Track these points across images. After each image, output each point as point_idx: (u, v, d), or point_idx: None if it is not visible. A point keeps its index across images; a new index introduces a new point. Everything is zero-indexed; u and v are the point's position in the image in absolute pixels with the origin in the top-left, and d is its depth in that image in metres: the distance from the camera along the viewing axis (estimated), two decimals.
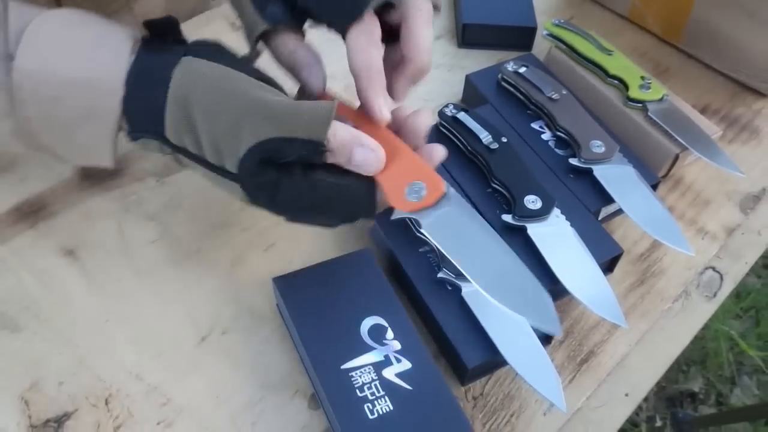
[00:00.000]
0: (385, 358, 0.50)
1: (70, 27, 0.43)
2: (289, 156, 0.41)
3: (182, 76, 0.42)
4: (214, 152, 0.42)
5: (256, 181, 0.42)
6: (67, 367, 0.52)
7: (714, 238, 0.63)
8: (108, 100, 0.42)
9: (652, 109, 0.66)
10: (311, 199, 0.43)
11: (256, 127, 0.41)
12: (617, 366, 0.55)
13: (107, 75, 0.42)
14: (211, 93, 0.41)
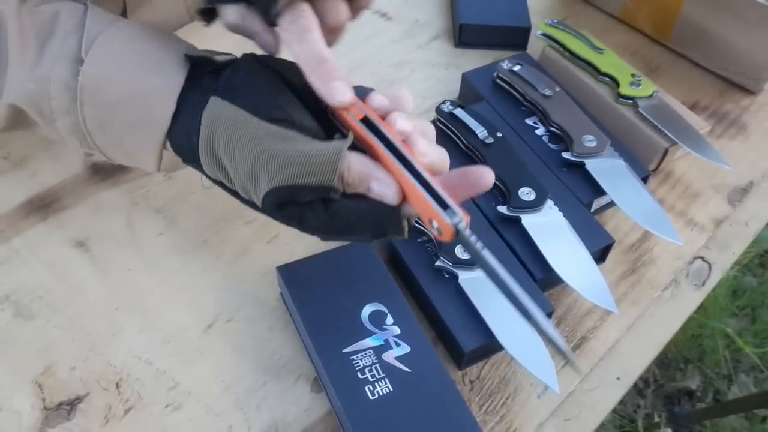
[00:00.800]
0: (385, 342, 0.52)
1: (137, 40, 0.46)
2: (304, 198, 0.42)
3: (208, 122, 0.43)
4: (243, 191, 0.44)
5: (281, 216, 0.44)
6: (78, 352, 0.54)
7: (703, 229, 0.66)
8: (159, 113, 0.45)
9: (642, 105, 0.68)
10: (337, 225, 0.43)
11: (269, 174, 0.42)
12: (609, 351, 0.57)
13: (162, 91, 0.45)
14: (229, 142, 0.43)
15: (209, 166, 0.44)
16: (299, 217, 0.43)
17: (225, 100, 0.44)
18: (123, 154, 0.48)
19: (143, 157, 0.47)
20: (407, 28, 0.84)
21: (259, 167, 0.42)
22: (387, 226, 0.44)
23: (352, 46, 0.80)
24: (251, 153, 0.42)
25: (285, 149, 0.42)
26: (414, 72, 0.79)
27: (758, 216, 0.67)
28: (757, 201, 0.68)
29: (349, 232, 0.44)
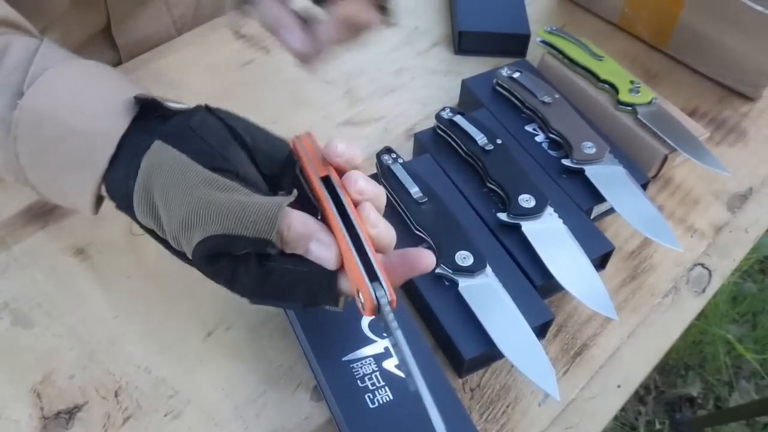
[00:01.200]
0: (385, 350, 0.51)
1: (86, 79, 0.45)
2: (238, 250, 0.41)
3: (146, 168, 0.42)
4: (173, 240, 0.42)
5: (209, 270, 0.42)
6: (77, 361, 0.54)
7: (702, 236, 0.65)
8: (98, 155, 0.43)
9: (641, 112, 0.68)
10: (269, 286, 0.42)
11: (204, 223, 0.40)
12: (610, 358, 0.57)
13: (104, 132, 0.43)
14: (166, 187, 0.42)
15: (142, 212, 0.42)
16: (230, 274, 0.41)
17: (168, 145, 0.43)
18: (58, 194, 0.46)
19: (79, 198, 0.45)
20: (407, 36, 0.84)
21: (194, 214, 0.40)
22: (320, 293, 0.42)
23: (352, 53, 0.80)
24: (188, 199, 0.41)
25: (224, 199, 0.41)
26: (414, 79, 0.79)
27: (758, 222, 0.67)
28: (756, 207, 0.68)
29: (281, 295, 0.42)
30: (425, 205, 0.59)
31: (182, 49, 0.80)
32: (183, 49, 0.80)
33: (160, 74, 0.76)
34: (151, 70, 0.77)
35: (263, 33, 0.81)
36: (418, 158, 0.66)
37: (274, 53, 0.79)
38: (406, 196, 0.59)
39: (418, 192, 0.59)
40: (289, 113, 0.73)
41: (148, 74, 0.76)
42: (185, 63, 0.78)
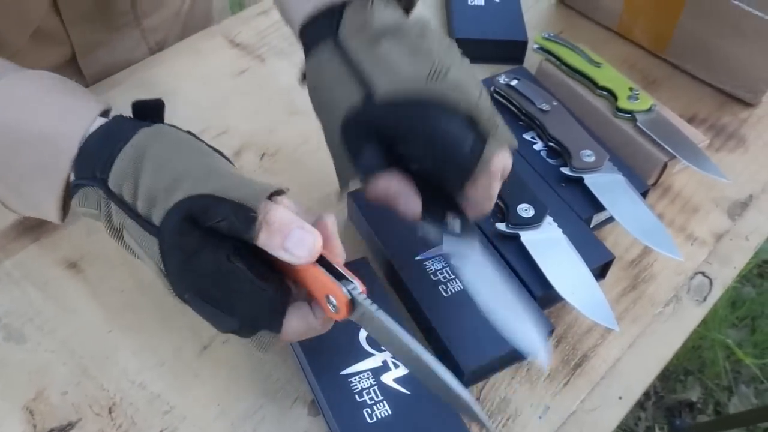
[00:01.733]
0: (383, 363, 0.51)
1: (46, 89, 0.45)
2: (215, 217, 0.40)
3: (146, 133, 0.43)
4: (146, 202, 0.41)
5: (174, 239, 0.40)
6: (70, 376, 0.53)
7: (703, 244, 0.65)
8: (61, 159, 0.43)
9: (640, 119, 0.67)
10: (222, 283, 0.41)
11: (193, 183, 0.40)
12: (610, 369, 0.56)
13: (65, 134, 0.43)
14: (166, 150, 0.42)
15: (117, 177, 0.41)
16: (192, 251, 0.40)
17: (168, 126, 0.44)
18: (23, 203, 0.46)
19: (44, 205, 0.45)
20: None
21: (184, 177, 0.40)
22: (267, 312, 0.42)
23: None
24: (184, 162, 0.41)
25: (226, 167, 0.42)
26: None
27: (759, 230, 0.66)
28: (757, 214, 0.68)
29: (225, 302, 0.41)
30: None
31: (175, 59, 0.79)
32: (176, 59, 0.79)
33: (153, 84, 0.76)
34: (142, 80, 0.76)
35: (258, 41, 0.81)
36: None
37: (269, 62, 0.79)
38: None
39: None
40: (283, 122, 0.73)
41: (140, 83, 0.75)
42: (178, 72, 0.77)
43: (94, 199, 0.43)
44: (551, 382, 0.54)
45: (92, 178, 0.42)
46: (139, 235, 0.42)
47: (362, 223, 0.61)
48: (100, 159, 0.42)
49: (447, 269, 0.57)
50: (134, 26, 0.78)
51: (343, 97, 0.46)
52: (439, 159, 0.46)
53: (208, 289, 0.41)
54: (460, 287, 0.55)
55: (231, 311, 0.42)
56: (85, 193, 0.43)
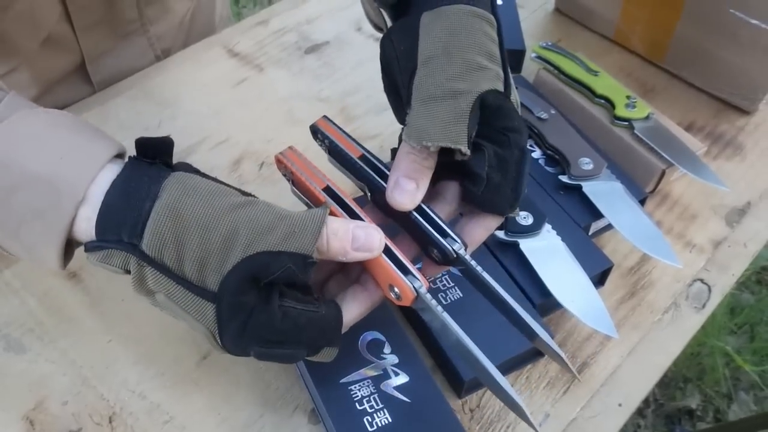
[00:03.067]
0: (383, 371, 0.51)
1: (54, 127, 0.42)
2: (275, 271, 0.40)
3: (175, 189, 0.40)
4: (197, 268, 0.40)
5: (235, 301, 0.40)
6: (71, 386, 0.53)
7: (701, 251, 0.65)
8: (64, 202, 0.40)
9: (638, 127, 0.68)
10: (282, 326, 0.41)
11: (248, 241, 0.39)
12: (610, 377, 0.56)
13: (72, 177, 0.40)
14: (203, 207, 0.40)
15: (156, 244, 0.39)
16: (250, 311, 0.40)
17: (191, 173, 0.42)
18: (21, 248, 0.42)
19: (43, 251, 0.42)
20: None
21: (236, 234, 0.39)
22: (329, 332, 0.43)
23: (347, 71, 0.80)
24: (231, 220, 0.40)
25: (266, 214, 0.41)
26: None
27: (757, 237, 0.67)
28: (755, 222, 0.68)
29: (292, 337, 0.42)
30: None
31: (174, 69, 0.79)
32: (175, 69, 0.79)
33: (152, 94, 0.76)
34: (142, 89, 0.76)
35: (256, 51, 0.81)
36: None
37: (268, 71, 0.79)
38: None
39: None
40: (283, 131, 0.73)
41: (140, 93, 0.76)
42: (178, 82, 0.77)
43: (118, 259, 0.41)
44: (551, 390, 0.55)
45: (118, 241, 0.40)
46: (187, 300, 0.41)
47: None
48: (126, 221, 0.40)
49: (446, 277, 0.57)
50: (141, 33, 0.79)
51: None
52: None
53: (270, 339, 0.42)
54: (460, 295, 0.56)
55: (296, 345, 0.43)
56: (108, 254, 0.40)
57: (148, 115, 0.73)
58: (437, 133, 0.43)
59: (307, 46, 0.82)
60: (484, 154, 0.46)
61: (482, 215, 0.48)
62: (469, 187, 0.47)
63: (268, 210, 0.41)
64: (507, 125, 0.46)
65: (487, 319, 0.54)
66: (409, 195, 0.45)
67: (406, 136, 0.45)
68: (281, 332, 0.41)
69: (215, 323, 0.41)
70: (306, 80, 0.78)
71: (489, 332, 0.53)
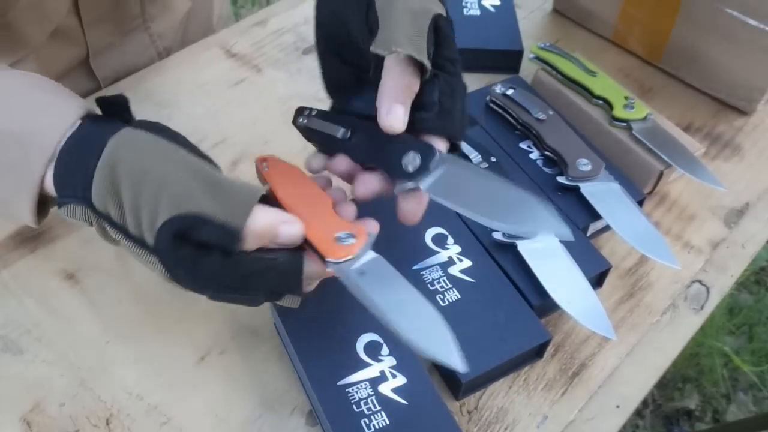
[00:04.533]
0: (380, 373, 0.51)
1: (27, 87, 0.44)
2: (202, 237, 0.40)
3: (116, 144, 0.42)
4: (134, 221, 0.41)
5: (173, 255, 0.41)
6: (68, 388, 0.53)
7: (699, 252, 0.65)
8: (35, 158, 0.42)
9: (636, 127, 0.67)
10: (235, 276, 0.42)
11: (176, 199, 0.40)
12: (608, 378, 0.56)
13: (42, 133, 0.42)
14: (139, 161, 0.41)
15: (100, 197, 0.41)
16: (193, 261, 0.40)
17: (139, 129, 0.43)
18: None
19: (17, 205, 0.44)
20: None
21: (165, 192, 0.40)
22: (289, 277, 0.43)
23: None
24: (162, 175, 0.40)
25: (202, 176, 0.41)
26: None
27: (755, 238, 0.67)
28: (753, 222, 0.68)
29: (247, 285, 0.42)
30: None
31: (172, 69, 0.79)
32: (173, 69, 0.79)
33: (150, 94, 0.76)
34: (140, 89, 0.76)
35: (254, 52, 0.81)
36: None
37: (265, 72, 0.79)
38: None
39: None
40: (281, 132, 0.73)
41: (137, 94, 0.75)
42: (176, 83, 0.77)
43: (80, 212, 0.43)
44: (549, 391, 0.55)
45: (74, 196, 0.42)
46: (137, 249, 0.42)
47: None
48: (77, 176, 0.42)
49: (444, 278, 0.57)
50: (143, 30, 0.80)
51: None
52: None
53: (221, 286, 0.42)
54: (458, 297, 0.55)
55: (255, 291, 0.43)
56: (71, 209, 0.43)
57: (146, 116, 0.72)
58: (405, 43, 0.46)
59: (305, 47, 0.82)
60: (435, 81, 0.48)
61: (436, 139, 0.50)
62: (422, 114, 0.49)
63: (205, 173, 0.42)
64: (452, 55, 0.50)
65: (484, 320, 0.54)
66: (401, 118, 0.47)
67: (374, 48, 0.47)
68: (233, 279, 0.42)
69: (166, 272, 0.42)
70: (304, 81, 0.78)
71: (487, 334, 0.53)
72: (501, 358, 0.53)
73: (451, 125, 0.49)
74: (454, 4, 0.84)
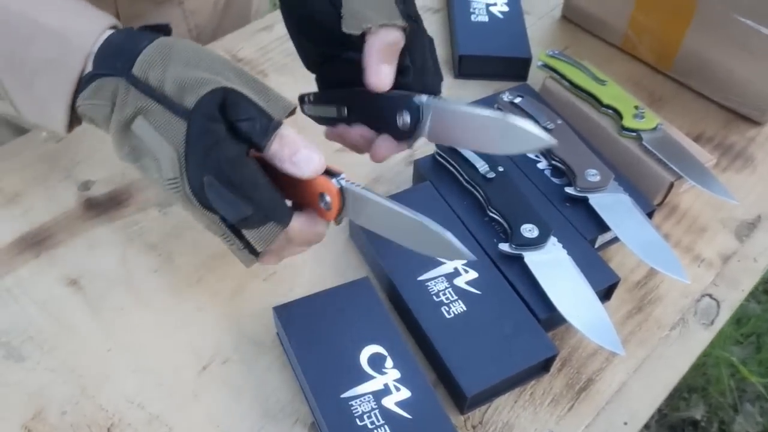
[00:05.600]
0: (384, 386, 0.50)
1: None
2: (243, 116, 0.42)
3: (167, 39, 0.45)
4: (177, 87, 0.43)
5: (205, 123, 0.42)
6: (70, 396, 0.52)
7: (710, 266, 0.64)
8: (74, 55, 0.44)
9: (646, 138, 0.67)
10: (242, 172, 0.43)
11: (226, 80, 0.43)
12: (616, 394, 0.55)
13: (81, 32, 0.44)
14: (193, 50, 0.44)
15: (144, 64, 0.43)
16: (215, 139, 0.42)
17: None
18: (32, 101, 0.46)
19: (52, 105, 0.45)
20: None
21: (217, 72, 0.43)
22: (279, 209, 0.45)
23: None
24: (217, 61, 0.44)
25: (249, 75, 0.45)
26: None
27: (767, 251, 0.66)
28: (765, 236, 0.67)
29: (244, 188, 0.43)
30: None
31: None
32: None
33: None
34: None
35: (260, 57, 0.81)
36: (417, 186, 0.65)
37: (272, 78, 0.78)
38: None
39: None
40: None
41: None
42: None
43: (108, 90, 0.44)
44: (555, 407, 0.54)
45: (112, 68, 0.43)
46: (163, 118, 0.43)
47: (364, 242, 0.60)
48: (123, 52, 0.43)
49: (450, 290, 0.56)
50: (176, 4, 0.80)
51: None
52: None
53: (227, 175, 0.43)
54: (464, 309, 0.55)
55: (248, 198, 0.43)
56: (99, 85, 0.44)
57: None
58: (373, 15, 0.48)
59: None
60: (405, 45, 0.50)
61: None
62: (401, 79, 0.51)
63: (249, 75, 0.45)
64: (412, 13, 0.51)
65: (490, 333, 0.54)
66: (387, 77, 0.50)
67: (346, 28, 0.49)
68: (240, 175, 0.43)
69: (184, 142, 0.42)
70: (311, 87, 0.77)
71: (492, 347, 0.53)
72: (507, 372, 0.52)
73: (428, 83, 0.52)
74: (463, 11, 0.83)
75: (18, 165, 0.67)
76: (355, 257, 0.62)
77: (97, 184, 0.66)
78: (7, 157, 0.67)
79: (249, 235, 0.46)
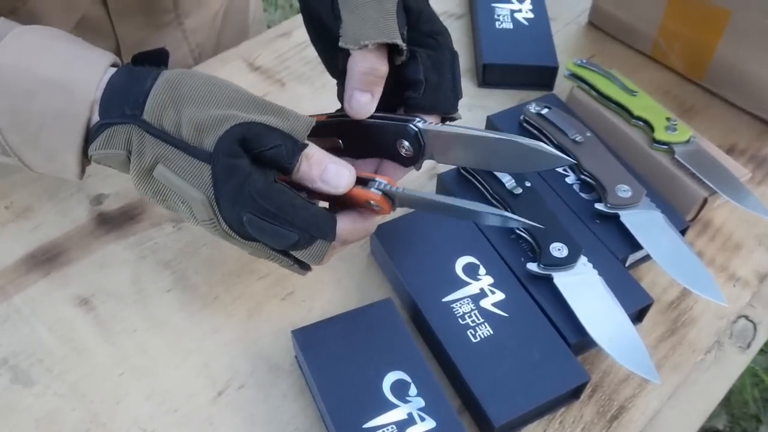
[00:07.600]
0: (408, 416, 0.48)
1: (54, 38, 0.45)
2: (267, 144, 0.42)
3: (171, 73, 0.44)
4: (195, 130, 0.42)
5: (229, 161, 0.41)
6: (80, 423, 0.50)
7: (746, 285, 0.61)
8: (79, 105, 0.43)
9: (678, 151, 0.64)
10: (279, 200, 0.42)
11: (244, 112, 0.42)
12: (649, 423, 0.52)
13: (82, 79, 0.43)
14: (202, 83, 0.43)
15: (156, 109, 0.42)
16: (243, 175, 0.41)
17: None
18: (41, 155, 0.45)
19: (63, 156, 0.44)
20: None
21: (232, 105, 0.42)
22: (323, 222, 0.44)
23: None
24: (229, 93, 0.43)
25: (263, 100, 0.44)
26: None
27: None
28: None
29: (285, 215, 0.42)
30: None
31: None
32: None
33: None
34: None
35: (278, 65, 0.79)
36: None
37: (290, 86, 0.76)
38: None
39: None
40: None
41: None
42: None
43: (121, 138, 0.43)
44: None
45: (121, 115, 0.42)
46: (185, 164, 0.42)
47: (385, 260, 0.58)
48: (129, 96, 0.42)
49: (476, 312, 0.54)
50: (176, 26, 0.78)
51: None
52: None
53: (263, 207, 0.42)
54: (490, 332, 0.52)
55: (290, 223, 0.43)
56: (111, 133, 0.43)
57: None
58: (371, 31, 0.47)
59: None
60: (418, 59, 0.49)
61: (428, 116, 0.50)
62: (411, 94, 0.50)
63: (262, 100, 0.44)
64: (433, 29, 0.50)
65: (519, 358, 0.51)
66: (364, 104, 0.48)
67: (343, 43, 0.48)
68: (276, 204, 0.42)
69: (211, 186, 0.42)
70: (329, 96, 0.74)
71: (520, 373, 0.50)
72: (536, 400, 0.50)
73: (440, 101, 0.50)
74: (487, 18, 0.81)
75: (28, 178, 0.65)
76: (376, 275, 0.60)
77: (109, 199, 0.64)
78: (16, 170, 0.65)
79: (300, 255, 0.46)
